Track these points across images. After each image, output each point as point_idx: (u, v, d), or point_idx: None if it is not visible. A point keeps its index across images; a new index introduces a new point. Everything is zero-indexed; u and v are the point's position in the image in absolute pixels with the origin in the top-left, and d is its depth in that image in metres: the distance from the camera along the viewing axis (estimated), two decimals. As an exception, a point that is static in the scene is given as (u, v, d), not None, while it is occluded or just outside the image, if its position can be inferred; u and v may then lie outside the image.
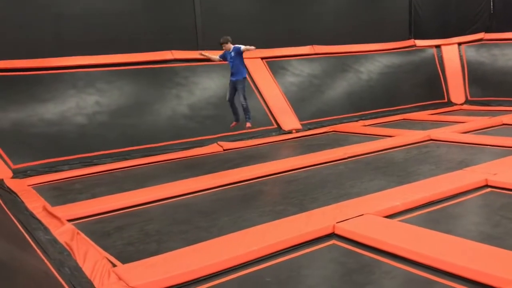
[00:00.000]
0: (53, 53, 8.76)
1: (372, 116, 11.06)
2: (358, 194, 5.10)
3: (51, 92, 8.29)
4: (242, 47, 7.65)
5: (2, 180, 6.55)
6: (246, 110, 7.90)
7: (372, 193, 5.03)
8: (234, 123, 8.16)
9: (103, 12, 9.63)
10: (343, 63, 12.01)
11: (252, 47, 7.67)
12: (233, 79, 7.74)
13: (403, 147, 7.62)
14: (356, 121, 10.64)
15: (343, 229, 3.99)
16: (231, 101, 7.90)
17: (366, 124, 10.28)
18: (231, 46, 7.75)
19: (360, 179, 5.85)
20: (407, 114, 11.19)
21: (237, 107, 7.96)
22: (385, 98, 11.74)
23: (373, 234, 3.81)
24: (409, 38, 13.94)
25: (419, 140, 7.96)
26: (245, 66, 7.96)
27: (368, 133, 9.06)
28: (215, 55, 8.06)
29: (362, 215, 4.27)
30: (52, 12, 9.10)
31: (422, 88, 12.47)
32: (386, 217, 4.32)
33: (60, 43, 9.11)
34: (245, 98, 7.78)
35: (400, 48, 13.20)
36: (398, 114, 11.29)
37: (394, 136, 8.36)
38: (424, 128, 9.03)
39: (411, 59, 13.07)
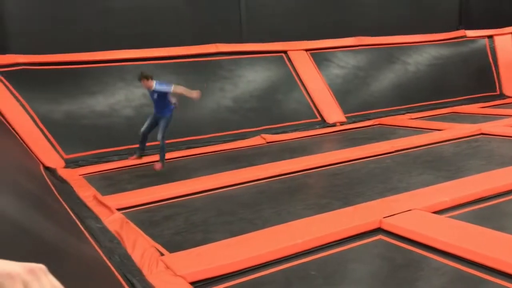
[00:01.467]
0: (102, 47, 9.00)
1: (420, 109, 10.77)
2: (406, 189, 4.99)
3: (101, 85, 8.54)
4: (171, 89, 6.58)
5: (55, 169, 6.80)
6: (161, 149, 6.75)
7: (420, 188, 4.91)
8: (134, 156, 7.24)
9: (149, 6, 9.81)
10: (389, 54, 11.74)
11: (182, 88, 6.70)
12: (158, 114, 6.77)
13: (453, 141, 7.39)
14: (403, 114, 10.39)
15: (390, 224, 3.92)
16: (145, 134, 6.99)
17: (414, 117, 10.03)
18: (153, 84, 6.59)
19: (408, 174, 5.73)
20: (456, 107, 10.83)
21: (146, 141, 7.11)
22: (433, 90, 11.41)
23: (421, 230, 3.73)
24: (459, 29, 13.45)
25: (469, 134, 7.70)
26: (170, 103, 6.82)
27: (415, 126, 8.84)
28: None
29: (410, 210, 4.19)
30: (100, 7, 9.35)
31: (472, 80, 12.02)
32: (435, 213, 4.21)
33: (109, 37, 9.36)
34: (163, 137, 6.67)
35: (449, 39, 12.77)
36: (447, 107, 10.95)
37: (443, 130, 8.11)
38: (474, 122, 8.72)
39: (461, 50, 12.62)
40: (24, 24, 8.66)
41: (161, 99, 6.65)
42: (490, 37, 12.83)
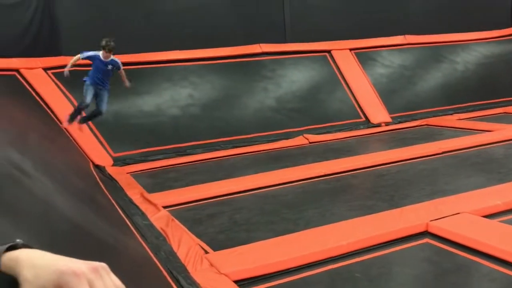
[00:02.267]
0: (150, 48, 9.22)
1: (469, 109, 10.41)
2: (454, 192, 4.85)
3: (148, 85, 8.75)
4: (121, 68, 6.56)
5: (104, 167, 7.03)
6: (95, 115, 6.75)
7: (469, 191, 4.76)
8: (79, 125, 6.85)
9: (196, 8, 9.96)
10: (437, 53, 11.41)
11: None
12: (103, 86, 6.56)
13: (504, 143, 7.11)
14: (451, 114, 10.08)
15: (438, 228, 3.82)
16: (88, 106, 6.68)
17: (462, 117, 9.71)
18: (111, 56, 6.43)
19: (456, 176, 5.56)
20: (508, 107, 10.39)
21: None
22: (483, 90, 11.00)
23: (471, 234, 3.62)
24: (510, 26, 12.90)
25: (522, 136, 7.38)
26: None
27: (464, 127, 8.56)
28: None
29: (459, 213, 4.07)
30: (149, 9, 9.58)
31: (526, 79, 11.51)
32: (485, 216, 4.07)
33: (156, 38, 9.57)
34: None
35: (501, 37, 12.27)
36: (498, 107, 10.52)
37: (493, 131, 7.82)
38: (528, 123, 8.37)
39: (513, 48, 12.11)
40: (75, 27, 8.98)
41: (109, 72, 6.52)
42: (545, 34, 12.25)
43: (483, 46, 11.96)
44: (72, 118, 6.72)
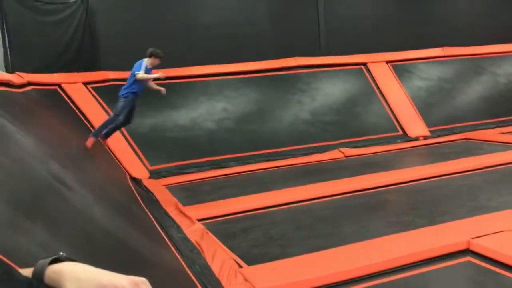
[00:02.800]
0: (186, 62, 9.38)
1: (511, 123, 10.07)
2: (496, 209, 4.67)
3: (184, 99, 8.89)
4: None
5: (141, 180, 7.14)
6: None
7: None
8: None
9: (230, 23, 10.08)
10: (477, 65, 11.13)
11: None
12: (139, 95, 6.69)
13: (550, 158, 6.82)
14: (493, 128, 9.76)
15: (480, 246, 3.68)
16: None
17: (504, 131, 9.39)
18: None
19: (498, 192, 5.36)
20: (553, 121, 10.01)
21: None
22: (526, 103, 10.63)
23: (515, 253, 3.46)
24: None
25: None
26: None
27: (506, 141, 8.27)
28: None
29: (502, 231, 3.90)
30: (184, 23, 9.76)
31: None
32: (530, 235, 3.89)
33: (193, 52, 9.73)
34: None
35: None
36: (542, 120, 10.14)
37: (538, 145, 7.53)
38: None
39: (559, 59, 11.67)
40: (114, 42, 9.24)
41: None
42: None
43: (526, 57, 11.59)
44: (98, 133, 6.68)
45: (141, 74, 6.47)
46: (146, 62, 6.59)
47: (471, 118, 10.02)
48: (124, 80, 8.79)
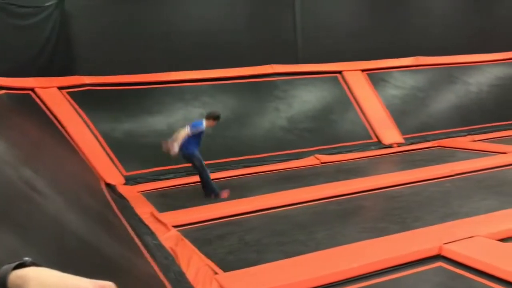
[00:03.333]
0: (163, 68, 9.34)
1: (482, 131, 10.31)
2: (468, 214, 4.78)
3: (161, 105, 8.83)
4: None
5: (115, 186, 7.05)
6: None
7: (483, 214, 4.69)
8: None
9: (208, 30, 10.09)
10: (450, 74, 11.39)
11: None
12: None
13: (518, 165, 7.02)
14: (464, 136, 9.99)
15: (451, 251, 3.75)
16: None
17: (476, 139, 9.62)
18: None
19: (470, 198, 5.48)
20: (522, 129, 10.30)
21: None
22: (497, 111, 10.91)
23: (485, 258, 3.55)
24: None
25: (537, 158, 7.28)
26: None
27: (477, 149, 8.47)
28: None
29: (472, 237, 3.99)
30: (161, 29, 9.73)
31: (540, 101, 11.41)
32: (500, 240, 3.99)
33: (170, 59, 9.70)
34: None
35: (513, 59, 12.23)
36: (512, 129, 10.44)
37: (507, 153, 7.73)
38: (543, 145, 8.26)
39: (527, 70, 12.04)
40: (90, 47, 9.14)
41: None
42: (559, 56, 12.18)
43: (496, 67, 11.92)
44: (209, 192, 6.55)
45: (181, 135, 6.46)
46: (205, 123, 6.61)
47: (444, 126, 10.23)
48: (99, 85, 8.72)
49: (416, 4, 12.22)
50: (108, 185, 7.00)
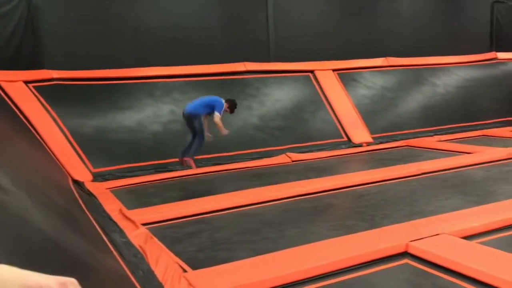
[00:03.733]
0: (134, 63, 9.22)
1: (449, 131, 10.59)
2: (433, 213, 4.89)
3: (130, 100, 8.71)
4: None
5: (83, 182, 6.92)
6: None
7: (448, 212, 4.80)
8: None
9: (180, 26, 10.01)
10: (418, 75, 11.63)
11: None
12: None
13: (483, 165, 7.22)
14: (431, 136, 10.23)
15: (417, 248, 3.83)
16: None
17: (442, 139, 9.86)
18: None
19: (436, 197, 5.61)
20: (487, 130, 10.61)
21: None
22: (463, 112, 11.22)
23: (450, 255, 3.63)
24: (490, 51, 13.26)
25: (500, 158, 7.51)
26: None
27: (444, 149, 8.68)
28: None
29: (438, 234, 4.09)
30: (133, 25, 9.60)
31: (503, 102, 11.79)
32: (464, 238, 4.10)
33: (141, 54, 9.58)
34: None
35: (480, 61, 12.59)
36: (477, 129, 10.74)
37: (472, 153, 7.95)
38: (505, 145, 8.51)
39: (492, 72, 12.42)
40: (58, 40, 8.93)
41: None
42: (522, 59, 12.60)
43: (463, 69, 12.24)
44: (188, 156, 7.67)
45: (218, 119, 7.46)
46: (225, 106, 7.58)
47: (412, 126, 10.45)
48: (68, 79, 8.54)
49: (387, 7, 12.43)
50: (76, 182, 6.87)
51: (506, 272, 3.28)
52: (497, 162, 7.35)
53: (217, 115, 7.32)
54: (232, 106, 7.70)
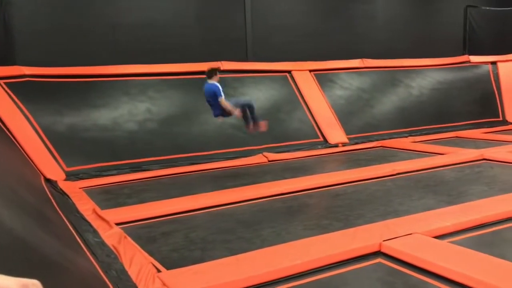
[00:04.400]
0: (109, 61, 9.09)
1: (422, 132, 10.77)
2: (407, 213, 4.96)
3: (105, 98, 8.59)
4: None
5: (56, 182, 6.79)
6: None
7: (421, 212, 4.88)
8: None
9: (156, 23, 9.92)
10: (393, 77, 11.79)
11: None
12: None
13: (455, 166, 7.37)
14: (406, 137, 10.39)
15: (390, 248, 3.88)
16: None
17: (416, 140, 10.02)
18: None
19: (409, 197, 5.70)
20: (459, 132, 10.83)
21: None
22: (436, 114, 11.43)
23: (422, 254, 3.69)
24: (463, 54, 13.54)
25: (472, 159, 7.67)
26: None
27: (417, 149, 8.83)
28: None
29: (411, 234, 4.15)
30: (108, 22, 9.47)
31: (475, 105, 12.06)
32: (436, 237, 4.17)
33: (115, 52, 9.46)
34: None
35: (453, 64, 12.84)
36: (450, 131, 10.95)
37: (445, 154, 8.10)
38: (477, 147, 8.71)
39: (465, 75, 12.68)
40: (30, 36, 8.75)
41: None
42: (494, 63, 12.90)
43: (437, 72, 12.46)
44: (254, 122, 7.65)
45: (223, 101, 7.12)
46: (218, 84, 7.13)
47: (387, 127, 10.59)
48: (40, 76, 8.36)
49: (364, 9, 12.57)
50: (48, 181, 6.74)
51: (476, 270, 3.35)
52: (469, 163, 7.50)
53: (221, 99, 7.06)
54: (215, 71, 7.24)
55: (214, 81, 7.13)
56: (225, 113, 7.28)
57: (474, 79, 12.61)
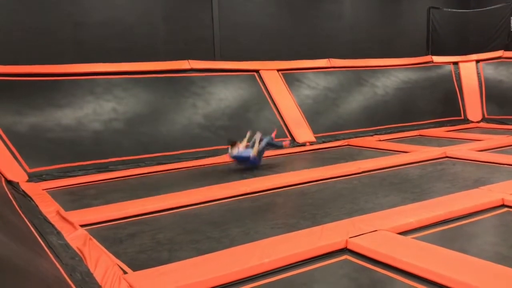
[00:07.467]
0: (73, 59, 8.89)
1: (387, 131, 10.99)
2: (372, 210, 5.05)
3: (69, 98, 8.39)
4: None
5: (18, 183, 6.61)
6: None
7: (386, 209, 4.98)
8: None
9: (122, 21, 9.78)
10: (359, 77, 11.98)
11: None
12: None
13: (418, 164, 7.54)
14: (371, 135, 10.58)
15: (356, 245, 3.95)
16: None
17: (381, 139, 10.22)
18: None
19: (374, 195, 5.80)
20: (422, 130, 11.10)
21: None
22: (400, 113, 11.68)
23: (386, 250, 3.77)
24: (426, 54, 13.88)
25: (435, 157, 7.88)
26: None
27: (383, 148, 8.99)
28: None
29: (376, 231, 4.23)
30: (73, 20, 9.26)
31: (438, 104, 12.38)
32: (400, 233, 4.27)
33: (80, 50, 9.27)
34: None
35: (417, 64, 13.14)
36: (414, 130, 11.22)
37: (409, 152, 8.28)
38: (440, 145, 8.94)
39: (428, 75, 13.00)
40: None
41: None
42: (456, 63, 13.28)
43: (401, 72, 12.73)
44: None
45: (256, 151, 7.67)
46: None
47: (353, 126, 10.75)
48: (1, 75, 8.11)
49: (330, 10, 12.73)
50: (10, 183, 6.54)
51: (439, 265, 3.44)
52: (432, 161, 7.70)
53: (252, 155, 7.55)
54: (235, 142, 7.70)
55: (235, 151, 7.53)
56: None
57: (437, 79, 12.95)
